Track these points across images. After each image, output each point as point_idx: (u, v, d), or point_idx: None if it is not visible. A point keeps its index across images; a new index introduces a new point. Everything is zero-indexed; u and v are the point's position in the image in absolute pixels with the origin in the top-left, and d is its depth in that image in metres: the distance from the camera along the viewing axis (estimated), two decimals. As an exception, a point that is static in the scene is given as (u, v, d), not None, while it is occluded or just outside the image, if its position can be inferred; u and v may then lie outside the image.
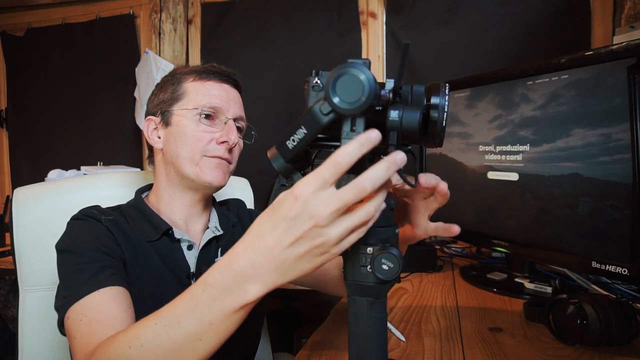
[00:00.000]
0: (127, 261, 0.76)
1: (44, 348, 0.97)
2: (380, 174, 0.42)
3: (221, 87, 0.86)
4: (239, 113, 0.87)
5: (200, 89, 0.84)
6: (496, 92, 1.12)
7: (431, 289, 1.11)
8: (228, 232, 0.92)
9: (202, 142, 0.82)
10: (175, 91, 0.85)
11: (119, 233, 0.78)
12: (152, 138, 0.87)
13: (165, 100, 0.85)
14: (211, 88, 0.85)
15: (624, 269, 0.81)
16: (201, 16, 2.16)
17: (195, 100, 0.83)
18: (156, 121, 0.87)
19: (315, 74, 0.48)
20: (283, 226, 0.43)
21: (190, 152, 0.82)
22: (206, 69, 0.87)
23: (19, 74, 2.45)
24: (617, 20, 1.57)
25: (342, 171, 0.42)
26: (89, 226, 0.77)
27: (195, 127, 0.82)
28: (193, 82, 0.85)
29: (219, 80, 0.86)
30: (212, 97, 0.84)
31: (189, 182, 0.84)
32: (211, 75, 0.86)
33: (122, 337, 0.54)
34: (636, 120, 0.79)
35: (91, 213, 0.79)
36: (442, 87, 0.47)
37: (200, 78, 0.85)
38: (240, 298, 0.47)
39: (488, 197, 1.15)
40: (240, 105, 0.89)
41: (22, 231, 0.95)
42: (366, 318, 0.52)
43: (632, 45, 0.81)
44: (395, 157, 0.42)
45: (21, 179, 2.42)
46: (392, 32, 1.91)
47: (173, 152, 0.83)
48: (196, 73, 0.86)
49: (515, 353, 0.75)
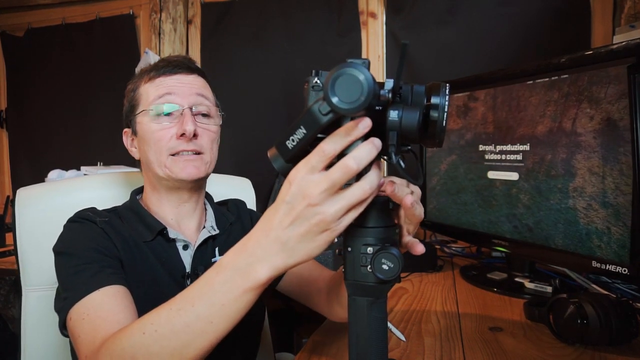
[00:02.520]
0: (123, 261, 0.76)
1: (46, 347, 0.97)
2: (364, 153, 0.44)
3: (172, 79, 0.82)
4: (196, 97, 0.82)
5: (150, 87, 0.83)
6: (496, 92, 1.12)
7: (431, 289, 1.12)
8: (225, 231, 0.91)
9: (163, 141, 0.80)
10: (132, 99, 0.85)
11: (114, 234, 0.78)
12: (131, 150, 0.88)
13: (128, 110, 0.86)
14: (160, 83, 0.82)
15: (624, 269, 0.81)
16: (201, 16, 2.16)
17: (147, 101, 0.82)
18: (129, 133, 0.88)
19: (315, 74, 0.48)
20: (282, 208, 0.46)
21: (156, 155, 0.81)
22: (155, 65, 0.84)
23: (19, 74, 2.45)
24: (617, 20, 1.57)
25: (327, 157, 0.44)
26: (85, 228, 0.77)
27: (153, 128, 0.81)
28: (145, 83, 0.84)
29: (168, 73, 0.83)
30: (159, 90, 0.81)
31: (167, 183, 0.83)
32: (160, 71, 0.83)
33: (135, 326, 0.55)
34: (636, 120, 0.79)
35: (86, 215, 0.79)
36: (443, 87, 0.47)
37: (150, 77, 0.83)
38: (250, 279, 0.49)
39: (488, 197, 1.15)
40: (198, 89, 0.84)
41: (24, 231, 0.96)
42: (366, 318, 0.52)
43: (632, 45, 0.81)
44: (375, 140, 0.45)
45: (21, 179, 2.42)
46: (392, 32, 1.91)
47: (145, 158, 0.84)
48: (147, 73, 0.84)
49: (515, 353, 0.75)
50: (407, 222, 0.57)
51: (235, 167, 1.93)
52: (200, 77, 0.87)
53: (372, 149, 0.44)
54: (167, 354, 0.52)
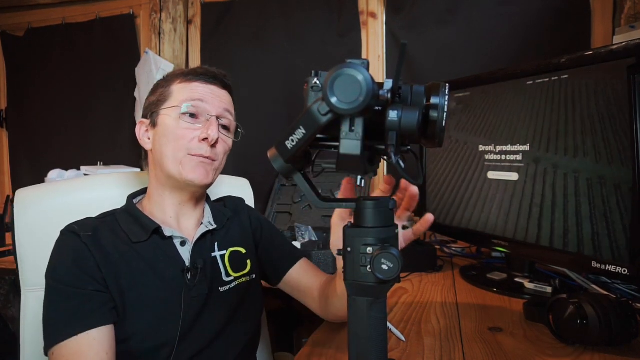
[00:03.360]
0: (107, 276, 0.77)
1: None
2: None
3: (206, 87, 0.87)
4: (223, 111, 0.88)
5: (184, 88, 0.86)
6: (496, 92, 1.12)
7: (431, 289, 1.12)
8: (224, 226, 0.94)
9: (184, 140, 0.83)
10: (162, 93, 0.88)
11: (96, 248, 0.78)
12: (143, 139, 0.89)
13: (154, 103, 0.88)
14: (195, 87, 0.86)
15: (624, 269, 0.81)
16: (201, 16, 2.17)
17: (178, 99, 0.85)
18: (146, 123, 0.89)
19: (314, 75, 0.48)
20: None
21: (173, 151, 0.83)
22: (193, 70, 0.89)
23: (19, 74, 2.45)
24: (617, 20, 1.57)
25: None
26: (70, 245, 0.79)
27: (177, 125, 0.84)
28: (180, 83, 0.87)
29: (205, 81, 0.88)
30: (194, 94, 0.85)
31: (174, 182, 0.85)
32: (198, 77, 0.87)
33: None
34: (636, 120, 0.79)
35: (72, 228, 0.81)
36: (442, 87, 0.47)
37: (186, 79, 0.87)
38: None
39: (488, 197, 1.15)
40: (226, 104, 0.89)
41: (23, 232, 0.95)
42: (366, 318, 0.52)
43: (632, 45, 0.81)
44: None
45: (21, 179, 2.43)
46: (392, 32, 1.91)
47: (159, 151, 0.85)
48: (183, 75, 0.88)
49: (515, 353, 0.75)
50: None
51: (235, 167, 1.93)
52: (229, 95, 0.92)
53: None
54: None
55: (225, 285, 0.88)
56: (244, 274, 0.92)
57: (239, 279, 0.91)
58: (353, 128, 0.44)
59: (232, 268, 0.90)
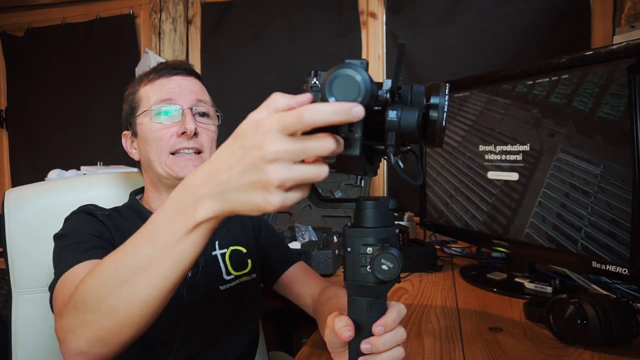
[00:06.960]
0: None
1: (37, 351, 0.95)
2: (322, 109, 0.40)
3: (171, 81, 0.87)
4: (195, 100, 0.87)
5: (150, 90, 0.87)
6: (496, 92, 1.12)
7: (431, 289, 1.11)
8: (225, 225, 0.94)
9: (163, 141, 0.84)
10: (132, 101, 0.89)
11: (113, 226, 0.81)
12: (130, 151, 0.92)
13: (128, 112, 0.90)
14: (160, 85, 0.86)
15: (624, 269, 0.81)
16: (201, 16, 2.17)
17: (147, 103, 0.86)
18: (129, 135, 0.91)
19: (313, 74, 0.48)
20: (237, 153, 0.44)
21: (157, 154, 0.84)
22: (154, 69, 0.89)
23: (19, 74, 2.45)
24: (617, 20, 1.57)
25: (302, 125, 0.41)
26: (85, 218, 0.80)
27: (153, 128, 0.84)
28: (145, 86, 0.88)
29: (167, 75, 0.87)
30: (161, 92, 0.85)
31: (168, 182, 0.86)
32: (159, 73, 0.88)
33: (90, 271, 0.55)
34: (636, 120, 0.79)
35: (88, 209, 0.83)
36: (443, 87, 0.47)
37: (150, 80, 0.88)
38: (190, 217, 0.47)
39: (488, 197, 1.15)
40: (197, 93, 0.88)
41: (14, 233, 0.94)
42: (366, 318, 0.52)
43: (632, 45, 0.81)
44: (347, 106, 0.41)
45: (21, 179, 2.42)
46: (392, 32, 1.91)
47: (146, 158, 0.86)
48: (146, 76, 0.89)
49: (515, 353, 0.75)
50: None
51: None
52: (198, 80, 0.91)
53: (334, 111, 0.40)
54: (114, 297, 0.51)
55: (226, 283, 0.88)
56: (245, 273, 0.92)
57: (240, 277, 0.91)
58: (352, 128, 0.44)
59: (232, 267, 0.90)
